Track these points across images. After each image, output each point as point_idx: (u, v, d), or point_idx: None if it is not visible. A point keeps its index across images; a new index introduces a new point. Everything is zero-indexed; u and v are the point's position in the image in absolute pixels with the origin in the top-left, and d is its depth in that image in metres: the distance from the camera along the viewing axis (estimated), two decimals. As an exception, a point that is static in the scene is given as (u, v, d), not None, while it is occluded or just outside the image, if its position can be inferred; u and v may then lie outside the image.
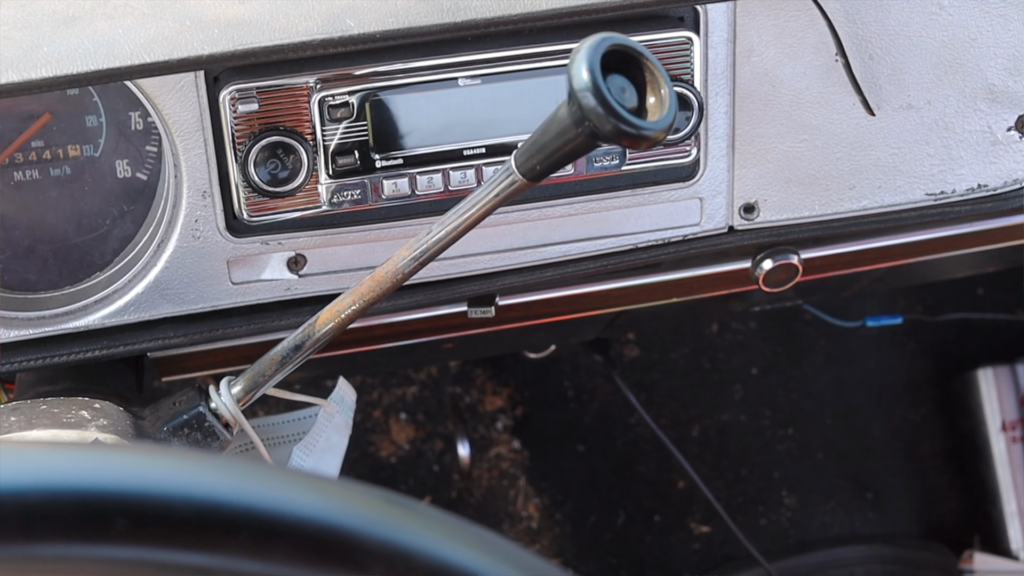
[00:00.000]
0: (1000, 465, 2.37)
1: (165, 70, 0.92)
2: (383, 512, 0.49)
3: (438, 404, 2.42)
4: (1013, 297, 2.48)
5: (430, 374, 2.43)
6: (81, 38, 0.92)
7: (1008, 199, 1.23)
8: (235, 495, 0.47)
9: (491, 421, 2.43)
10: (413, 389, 2.41)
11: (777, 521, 2.36)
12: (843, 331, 2.43)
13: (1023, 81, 1.19)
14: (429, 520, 0.50)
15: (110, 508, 0.46)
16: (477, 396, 2.44)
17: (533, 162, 0.86)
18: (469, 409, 2.42)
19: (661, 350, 2.43)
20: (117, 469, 0.46)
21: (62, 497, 0.45)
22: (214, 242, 1.14)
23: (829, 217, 1.25)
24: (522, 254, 1.22)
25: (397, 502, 0.50)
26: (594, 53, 0.78)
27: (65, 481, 0.46)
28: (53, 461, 0.46)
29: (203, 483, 0.47)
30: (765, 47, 1.17)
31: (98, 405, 1.00)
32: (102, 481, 0.46)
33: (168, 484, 0.47)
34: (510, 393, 2.44)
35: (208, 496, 0.47)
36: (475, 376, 2.44)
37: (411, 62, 1.08)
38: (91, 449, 0.47)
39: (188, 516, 0.46)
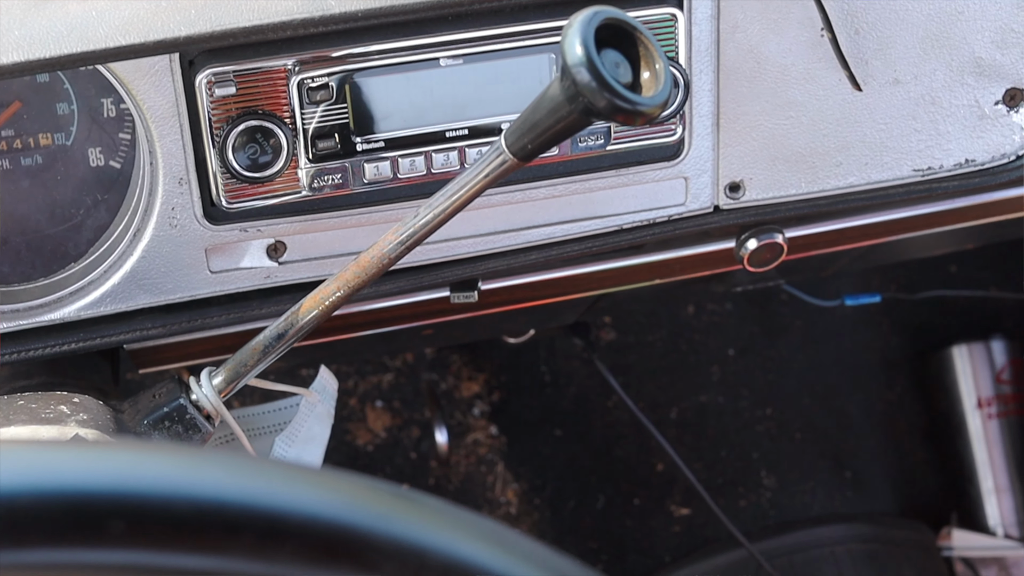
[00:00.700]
0: (976, 442, 2.38)
1: (141, 52, 0.89)
2: (393, 508, 0.47)
3: (414, 391, 2.39)
4: (986, 274, 2.49)
5: (406, 361, 2.41)
6: (53, 21, 0.89)
7: (996, 174, 1.21)
8: (237, 493, 0.45)
9: (468, 407, 2.41)
10: (389, 376, 2.39)
11: (757, 502, 2.35)
12: (819, 311, 2.42)
13: (1010, 54, 1.17)
14: (441, 515, 0.48)
15: (104, 510, 0.43)
16: (453, 382, 2.42)
17: (524, 141, 0.84)
18: (445, 395, 2.40)
19: (638, 333, 2.42)
20: (111, 468, 0.44)
21: (53, 500, 0.43)
22: (192, 230, 1.11)
23: (816, 195, 1.23)
24: (505, 237, 1.20)
25: (407, 497, 0.48)
26: (588, 27, 0.76)
27: (56, 482, 0.43)
28: (42, 461, 0.44)
29: (202, 481, 0.45)
30: (750, 23, 1.15)
31: (77, 399, 0.97)
32: (95, 482, 0.43)
33: (165, 483, 0.44)
34: (486, 379, 2.42)
35: (208, 495, 0.44)
36: (451, 362, 2.42)
37: (392, 42, 1.05)
38: (83, 447, 0.45)
39: (187, 517, 0.44)
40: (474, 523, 0.49)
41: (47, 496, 0.43)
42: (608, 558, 2.33)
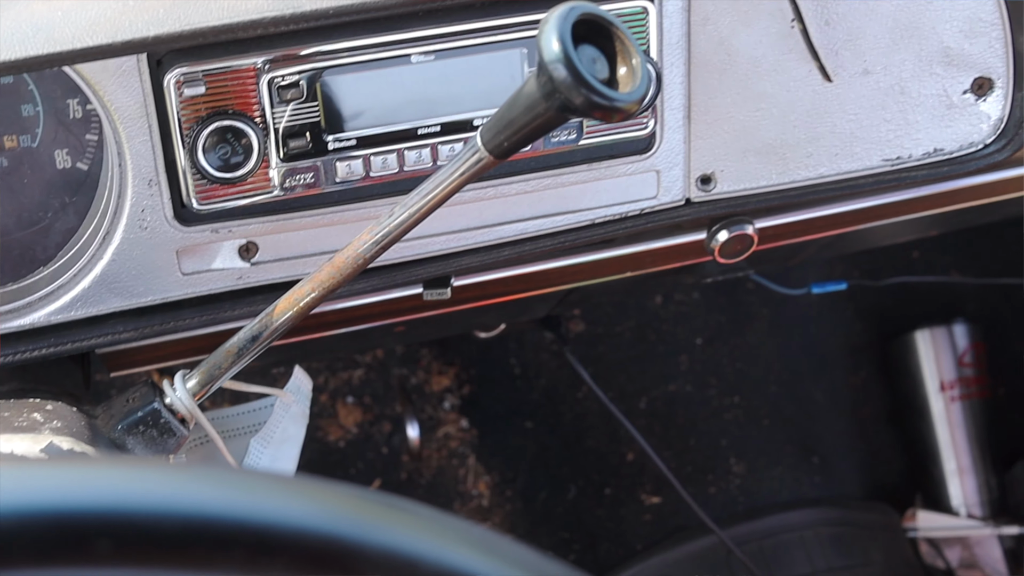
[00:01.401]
0: (939, 424, 2.40)
1: (109, 53, 0.88)
2: (383, 518, 0.47)
3: (384, 386, 2.39)
4: (947, 259, 2.51)
5: (376, 357, 2.40)
6: (18, 22, 0.87)
7: (964, 162, 1.22)
8: (225, 508, 0.44)
9: (438, 401, 2.41)
10: (359, 372, 2.38)
11: (726, 489, 2.36)
12: (784, 299, 2.43)
13: (978, 43, 1.18)
14: (432, 524, 0.48)
15: (91, 529, 0.42)
16: (423, 377, 2.41)
17: (500, 138, 0.84)
18: (416, 390, 2.40)
19: (606, 324, 2.42)
20: (97, 485, 0.43)
21: (38, 519, 0.42)
22: (162, 232, 1.10)
23: (787, 186, 1.24)
24: (478, 233, 1.20)
25: (397, 506, 0.48)
26: (564, 23, 0.75)
27: (40, 501, 0.42)
28: (27, 480, 0.43)
29: (190, 497, 0.44)
30: (720, 15, 1.15)
31: (50, 407, 0.96)
32: (81, 500, 0.43)
33: (152, 499, 0.44)
34: (456, 372, 2.42)
35: (197, 511, 0.44)
36: (421, 357, 2.42)
37: (362, 39, 1.05)
38: (68, 464, 0.44)
39: (176, 533, 0.43)
40: (465, 530, 0.48)
41: (31, 515, 0.42)
42: (580, 548, 2.33)
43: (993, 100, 1.20)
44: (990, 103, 1.20)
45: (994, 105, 1.20)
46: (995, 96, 1.20)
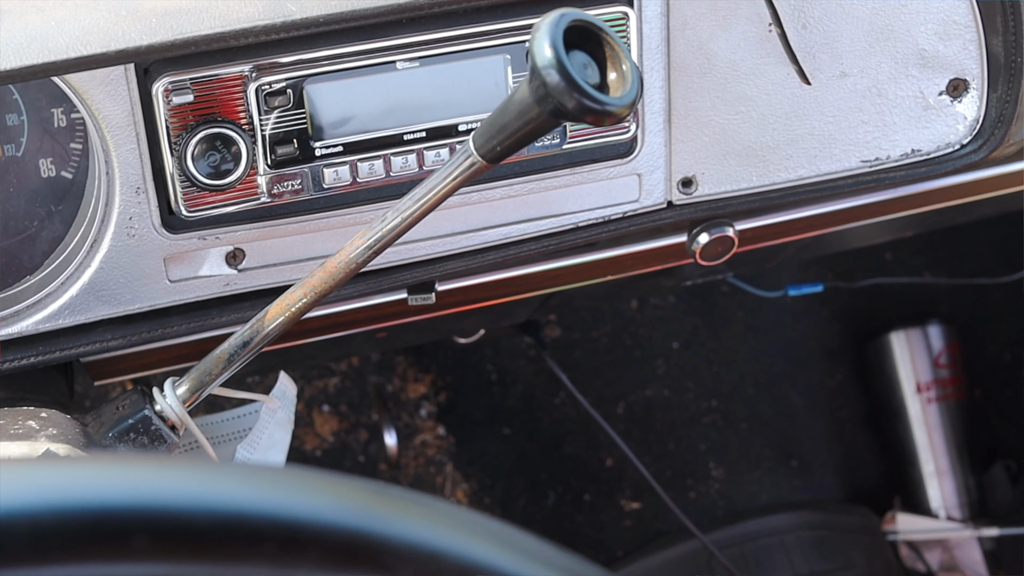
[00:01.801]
0: (917, 426, 2.42)
1: (103, 62, 0.89)
2: (409, 513, 0.48)
3: (361, 394, 2.39)
4: (920, 260, 2.53)
5: (351, 364, 2.40)
6: (12, 32, 0.88)
7: (941, 163, 1.24)
8: (257, 504, 0.45)
9: (415, 408, 2.42)
10: (335, 380, 2.38)
11: (706, 493, 2.38)
12: (759, 302, 2.45)
13: (953, 45, 1.20)
14: (454, 519, 0.49)
15: (128, 524, 0.43)
16: (399, 384, 2.42)
17: (493, 143, 0.85)
18: (392, 397, 2.40)
19: (582, 329, 2.43)
20: (134, 483, 0.44)
21: (77, 516, 0.43)
22: (150, 239, 1.10)
23: (767, 188, 1.25)
24: (463, 238, 1.21)
25: (421, 502, 0.49)
26: (556, 29, 0.76)
27: (79, 499, 0.43)
28: (64, 477, 0.44)
29: (223, 493, 0.45)
30: (699, 19, 1.17)
31: (45, 414, 0.96)
32: (119, 497, 0.44)
33: (187, 496, 0.44)
34: (432, 379, 2.42)
35: (229, 507, 0.45)
36: (396, 364, 2.42)
37: (348, 46, 1.06)
38: (104, 463, 0.45)
39: (209, 529, 0.44)
40: (486, 526, 0.49)
41: (71, 512, 0.43)
42: (560, 554, 2.34)
43: (968, 101, 1.22)
44: (966, 104, 1.22)
45: (970, 106, 1.22)
46: (970, 97, 1.22)
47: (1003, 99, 1.20)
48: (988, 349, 2.50)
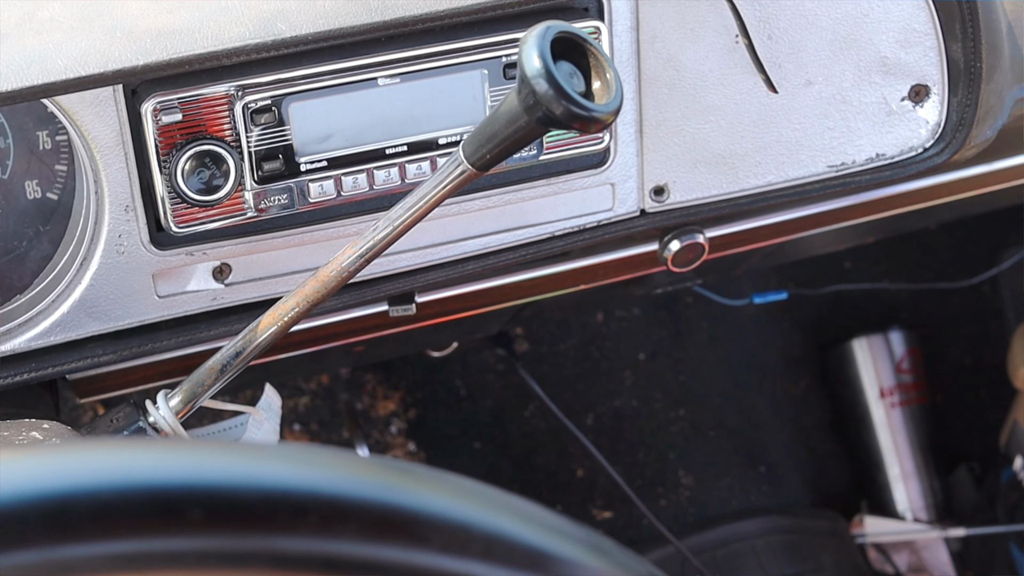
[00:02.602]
0: (881, 431, 2.46)
1: (101, 82, 0.91)
2: (441, 488, 0.51)
3: (331, 412, 2.41)
4: (879, 268, 2.58)
5: (320, 383, 2.42)
6: (12, 55, 0.90)
7: (905, 166, 1.28)
8: (301, 481, 0.48)
9: (385, 425, 2.44)
10: (305, 399, 2.40)
11: (677, 501, 2.41)
12: (723, 312, 2.49)
13: (913, 52, 1.24)
14: (481, 495, 0.52)
15: (185, 501, 0.46)
16: (369, 401, 2.44)
17: (483, 151, 0.88)
18: (362, 415, 2.42)
19: (550, 343, 2.46)
20: (188, 463, 0.47)
21: (138, 494, 0.46)
22: (139, 256, 1.13)
23: (737, 194, 1.29)
24: (443, 249, 1.24)
25: (452, 480, 0.52)
26: (543, 40, 0.80)
27: (139, 478, 0.46)
28: (123, 459, 0.47)
29: (273, 471, 0.48)
30: (668, 32, 1.21)
31: (47, 425, 0.98)
32: (176, 476, 0.46)
33: (237, 474, 0.47)
34: (402, 396, 2.45)
35: (276, 483, 0.48)
36: (366, 382, 2.44)
37: (331, 64, 1.08)
38: (162, 446, 0.47)
39: (258, 503, 0.47)
40: (509, 500, 0.53)
41: (133, 491, 0.45)
42: (535, 565, 2.36)
43: (930, 106, 1.26)
44: (927, 109, 1.27)
45: (931, 111, 1.27)
46: (932, 102, 1.26)
47: (963, 103, 1.24)
48: (949, 353, 2.55)
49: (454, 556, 0.50)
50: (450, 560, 0.50)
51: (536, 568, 0.53)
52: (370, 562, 0.49)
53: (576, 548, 0.55)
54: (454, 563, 0.50)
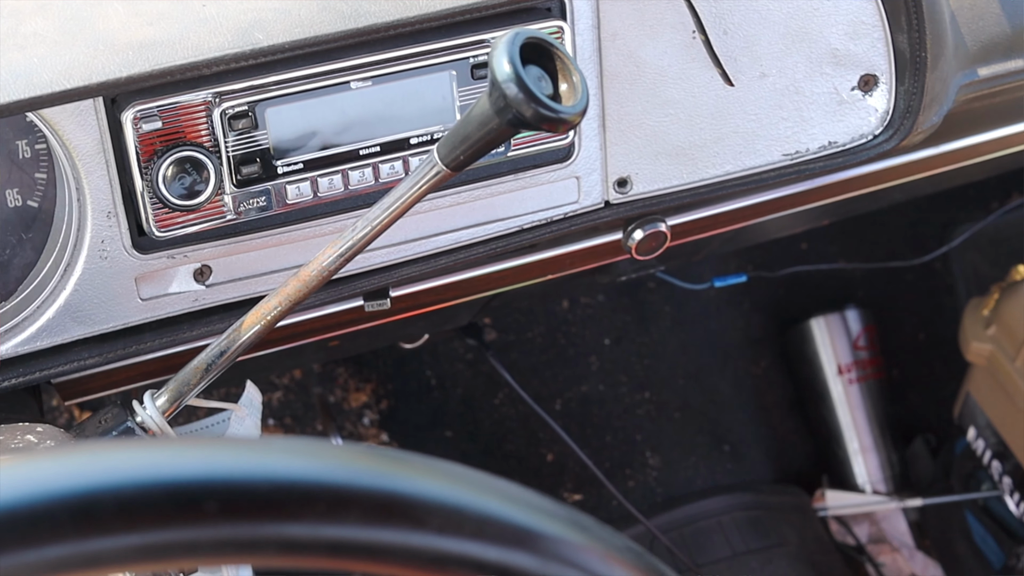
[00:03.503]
0: (840, 407, 2.51)
1: (86, 94, 0.95)
2: (435, 475, 0.55)
3: (304, 407, 2.45)
4: (833, 249, 2.63)
5: (293, 378, 2.46)
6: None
7: (856, 153, 1.33)
8: (308, 472, 0.52)
9: (357, 417, 2.48)
10: (278, 394, 2.44)
11: (644, 481, 2.46)
12: (685, 296, 2.54)
13: (862, 44, 1.29)
14: (472, 480, 0.57)
15: (201, 494, 0.50)
16: (341, 394, 2.48)
17: (456, 152, 0.92)
18: (334, 408, 2.46)
19: (516, 331, 2.51)
20: (203, 460, 0.51)
21: (160, 489, 0.50)
22: (121, 261, 1.16)
23: (697, 184, 1.33)
24: (416, 245, 1.28)
25: (445, 468, 0.56)
26: (513, 47, 0.84)
27: (160, 475, 0.50)
28: (143, 457, 0.51)
29: (279, 465, 0.52)
30: (628, 30, 1.25)
31: (40, 428, 1.02)
32: (191, 472, 0.51)
33: (249, 468, 0.51)
34: (373, 388, 2.48)
35: (286, 475, 0.52)
36: (337, 375, 2.48)
37: (305, 69, 1.12)
38: (176, 445, 0.51)
39: (268, 493, 0.51)
40: (500, 484, 0.57)
41: (154, 486, 0.49)
42: (507, 549, 2.40)
43: (879, 95, 1.32)
44: (876, 97, 1.32)
45: (880, 99, 1.32)
46: (880, 91, 1.32)
47: (910, 91, 1.30)
48: (903, 329, 2.61)
49: (449, 536, 0.55)
50: (446, 540, 0.55)
51: (523, 545, 0.57)
52: (373, 545, 0.53)
53: (559, 525, 0.60)
54: (449, 543, 0.55)
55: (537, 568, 0.56)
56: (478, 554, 0.55)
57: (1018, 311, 2.13)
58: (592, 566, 0.59)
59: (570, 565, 0.58)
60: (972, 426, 2.27)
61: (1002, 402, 2.17)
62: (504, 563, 0.56)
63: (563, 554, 0.58)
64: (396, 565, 0.54)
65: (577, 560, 0.58)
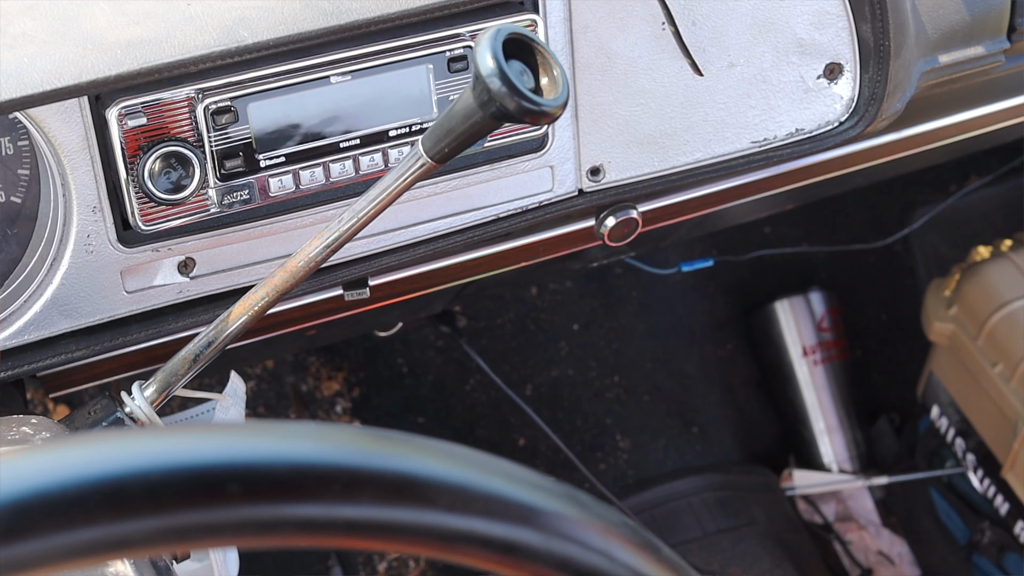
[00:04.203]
0: (805, 388, 2.56)
1: (76, 93, 0.96)
2: (443, 457, 0.58)
3: (277, 396, 2.47)
4: (797, 233, 2.67)
5: (266, 367, 2.48)
6: (-11, 70, 0.95)
7: (822, 139, 1.37)
8: (324, 455, 0.55)
9: (330, 406, 2.50)
10: (251, 384, 2.45)
11: (615, 464, 2.50)
12: (651, 280, 2.58)
13: (827, 33, 1.33)
14: (474, 460, 0.60)
15: (224, 477, 0.53)
16: (313, 383, 2.50)
17: (441, 145, 0.95)
18: (307, 396, 2.48)
19: (487, 318, 2.54)
20: (225, 445, 0.54)
21: (183, 473, 0.53)
22: (107, 255, 1.18)
23: (668, 171, 1.37)
24: (395, 235, 1.30)
25: (453, 450, 0.60)
26: (496, 42, 0.87)
27: (185, 460, 0.53)
28: (167, 445, 0.53)
29: (299, 448, 0.55)
30: (599, 22, 1.28)
31: (35, 420, 1.04)
32: (214, 457, 0.53)
33: (269, 452, 0.54)
34: (345, 376, 2.51)
35: (303, 458, 0.55)
36: (309, 364, 2.50)
37: (286, 64, 1.14)
38: (195, 430, 0.54)
39: (287, 475, 0.54)
40: (502, 464, 0.60)
41: (179, 471, 0.52)
42: (481, 533, 2.43)
43: (844, 83, 1.35)
44: (841, 85, 1.35)
45: (845, 87, 1.35)
46: (845, 79, 1.35)
47: (874, 79, 1.33)
48: (866, 311, 2.65)
49: (457, 514, 0.58)
50: (454, 518, 0.58)
51: (527, 521, 0.60)
52: (386, 523, 0.56)
53: (559, 502, 0.63)
54: (458, 520, 0.58)
55: (540, 542, 0.59)
56: (484, 530, 0.58)
57: (979, 291, 2.18)
58: (591, 540, 0.62)
59: (570, 540, 0.61)
60: (935, 405, 2.32)
61: (964, 380, 2.22)
62: (509, 539, 0.59)
63: (563, 529, 0.61)
64: (408, 542, 0.57)
65: (576, 535, 0.61)
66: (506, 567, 0.60)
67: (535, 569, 0.60)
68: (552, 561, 0.60)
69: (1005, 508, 2.18)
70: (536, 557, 0.60)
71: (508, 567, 0.60)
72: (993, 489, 2.20)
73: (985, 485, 2.22)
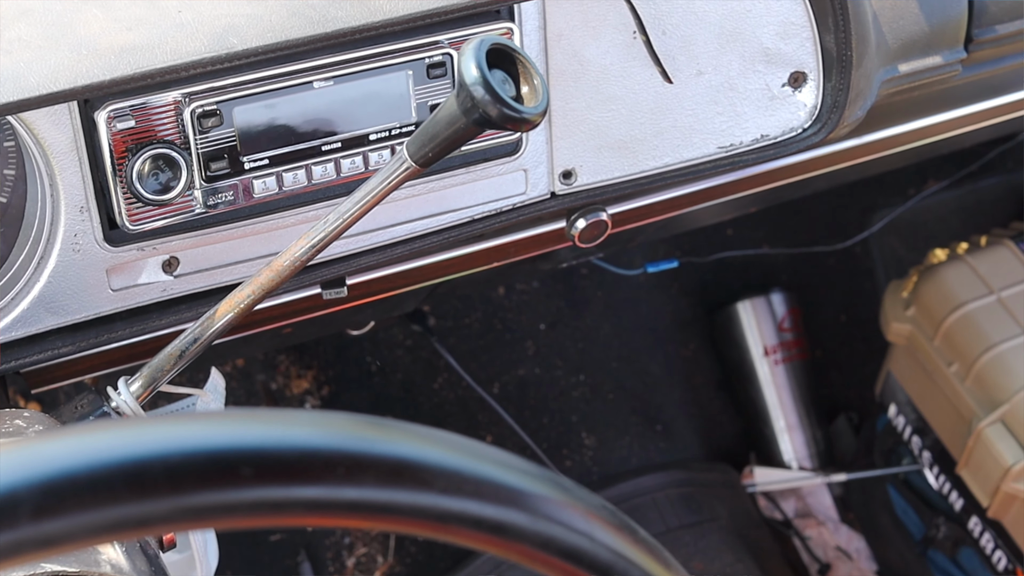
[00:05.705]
0: (766, 387, 2.60)
1: (72, 97, 1.00)
2: (439, 444, 0.63)
3: (247, 393, 2.49)
4: (758, 234, 2.72)
5: (235, 366, 2.50)
6: (-14, 74, 0.99)
7: (787, 145, 1.41)
8: (329, 441, 0.59)
9: (300, 403, 2.53)
10: (221, 382, 2.48)
11: (581, 461, 2.54)
12: (616, 281, 2.62)
13: (792, 43, 1.37)
14: (466, 447, 0.64)
15: (237, 460, 0.57)
16: (283, 381, 2.53)
17: (425, 150, 0.99)
18: (277, 394, 2.51)
19: (455, 317, 2.57)
20: (237, 431, 0.58)
21: (199, 456, 0.56)
22: (93, 253, 1.21)
23: (637, 175, 1.41)
24: (373, 235, 1.34)
25: (448, 437, 0.64)
26: (479, 52, 0.91)
27: (199, 444, 0.57)
28: (184, 431, 0.57)
29: (306, 434, 0.59)
30: (572, 31, 1.32)
31: (27, 414, 1.07)
32: (228, 441, 0.57)
33: (279, 438, 0.58)
34: (315, 375, 2.54)
35: (311, 443, 0.59)
36: (279, 362, 2.53)
37: (271, 69, 1.18)
38: (210, 418, 0.58)
39: (295, 459, 0.58)
40: (492, 451, 0.64)
41: (196, 454, 0.56)
42: (449, 529, 2.47)
43: (808, 91, 1.40)
44: (805, 93, 1.40)
45: (809, 95, 1.40)
46: (809, 87, 1.40)
47: (837, 88, 1.38)
48: (825, 312, 2.70)
49: (451, 496, 0.62)
50: (448, 500, 0.62)
51: (515, 503, 0.64)
52: (385, 504, 0.60)
53: (544, 486, 0.67)
54: (451, 502, 0.62)
55: (527, 523, 0.64)
56: (476, 511, 0.62)
57: (935, 293, 2.23)
58: (573, 522, 0.66)
59: (554, 521, 0.65)
60: (893, 403, 2.38)
61: (921, 380, 2.27)
62: (498, 519, 0.63)
63: (548, 511, 0.65)
64: (405, 522, 0.61)
65: (560, 516, 0.66)
66: (495, 546, 0.64)
67: (522, 548, 0.64)
68: (538, 540, 0.64)
69: (960, 504, 2.24)
70: (523, 536, 0.64)
71: (497, 546, 0.64)
72: (948, 485, 2.25)
73: (940, 482, 2.27)
